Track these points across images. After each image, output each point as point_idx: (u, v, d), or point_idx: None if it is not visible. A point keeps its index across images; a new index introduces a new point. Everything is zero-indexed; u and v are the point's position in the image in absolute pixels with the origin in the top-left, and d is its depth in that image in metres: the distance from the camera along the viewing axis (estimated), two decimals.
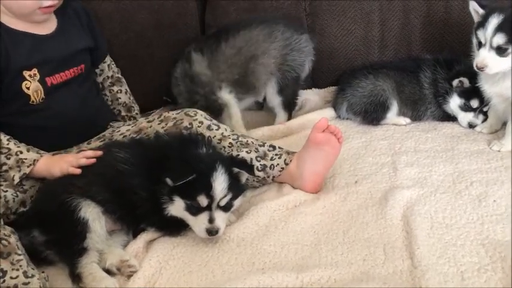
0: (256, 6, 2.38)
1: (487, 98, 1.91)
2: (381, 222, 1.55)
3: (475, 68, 1.81)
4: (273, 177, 1.75)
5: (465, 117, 2.05)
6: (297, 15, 2.38)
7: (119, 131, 1.82)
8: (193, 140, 1.61)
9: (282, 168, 1.73)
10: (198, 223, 1.50)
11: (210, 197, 1.48)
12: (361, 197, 1.69)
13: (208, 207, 1.49)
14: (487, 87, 1.87)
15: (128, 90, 2.10)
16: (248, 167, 1.63)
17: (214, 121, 1.80)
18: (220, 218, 1.50)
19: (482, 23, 1.77)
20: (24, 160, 1.59)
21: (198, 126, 1.73)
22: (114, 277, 1.46)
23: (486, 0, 1.85)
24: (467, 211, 1.56)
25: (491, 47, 1.75)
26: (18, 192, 1.59)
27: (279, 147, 1.78)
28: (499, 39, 1.73)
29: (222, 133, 1.74)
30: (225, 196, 1.50)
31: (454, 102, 2.05)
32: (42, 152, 1.65)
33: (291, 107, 2.27)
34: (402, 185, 1.72)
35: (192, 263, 1.48)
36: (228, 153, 1.70)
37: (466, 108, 2.04)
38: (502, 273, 1.31)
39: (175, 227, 1.57)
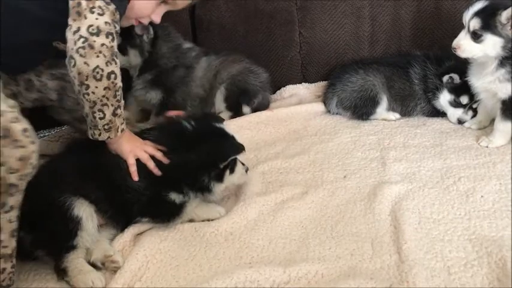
0: (246, 0, 2.36)
1: (476, 93, 1.92)
2: (369, 217, 1.56)
3: (452, 49, 1.81)
4: None
5: (454, 113, 2.06)
6: (288, 9, 2.36)
7: None
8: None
9: None
10: (239, 172, 1.65)
11: None
12: (350, 191, 1.69)
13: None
14: (474, 81, 1.88)
15: None
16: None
17: None
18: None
19: (468, 7, 1.79)
20: (116, 124, 1.50)
21: None
22: (100, 271, 1.45)
23: None
24: (455, 206, 1.57)
25: (468, 30, 1.77)
26: None
27: None
28: (475, 23, 1.74)
29: None
30: None
31: (444, 98, 2.06)
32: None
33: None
34: (391, 180, 1.72)
35: (179, 257, 1.48)
36: None
37: (455, 104, 2.05)
38: (488, 268, 1.32)
39: (169, 214, 1.58)
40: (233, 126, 2.08)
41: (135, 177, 1.53)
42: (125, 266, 1.43)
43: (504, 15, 1.69)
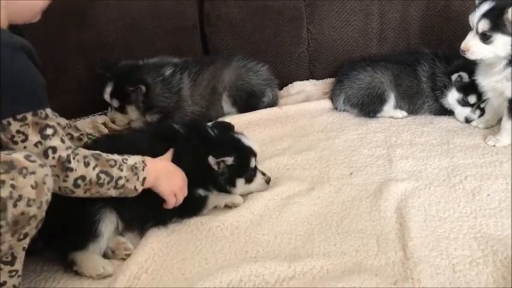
0: None
1: (483, 92, 1.92)
2: (374, 214, 1.56)
3: (460, 52, 1.81)
4: None
5: (462, 111, 2.06)
6: (296, 6, 2.37)
7: None
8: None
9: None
10: (258, 183, 1.68)
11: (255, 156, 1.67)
12: (356, 188, 1.70)
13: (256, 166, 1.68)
14: (482, 80, 1.88)
15: None
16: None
17: None
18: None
19: (475, 9, 1.79)
20: (135, 165, 1.40)
21: None
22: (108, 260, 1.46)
23: None
24: (461, 205, 1.57)
25: (476, 32, 1.76)
26: None
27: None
28: (484, 25, 1.74)
29: None
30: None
31: (453, 96, 2.05)
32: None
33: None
34: (397, 177, 1.72)
35: (186, 250, 1.49)
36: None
37: (463, 103, 2.04)
38: (493, 266, 1.32)
39: (196, 208, 1.61)
40: (242, 122, 2.10)
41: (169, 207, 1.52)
42: (132, 258, 1.44)
43: (510, 12, 1.69)
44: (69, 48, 2.26)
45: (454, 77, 2.02)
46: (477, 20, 1.75)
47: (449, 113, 2.11)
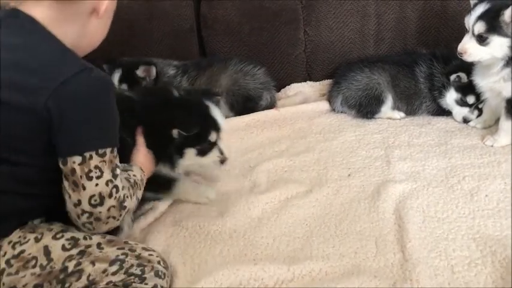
0: None
1: (481, 92, 1.92)
2: (373, 216, 1.56)
3: (457, 54, 1.81)
4: None
5: (460, 112, 2.06)
6: (293, 8, 2.37)
7: None
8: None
9: None
10: (211, 159, 1.60)
11: (218, 130, 1.58)
12: (354, 190, 1.70)
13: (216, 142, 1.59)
14: (479, 80, 1.88)
15: None
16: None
17: None
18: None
19: (470, 11, 1.79)
20: (142, 179, 1.41)
21: None
22: None
23: None
24: (459, 205, 1.57)
25: (473, 34, 1.76)
26: None
27: None
28: (480, 27, 1.74)
29: None
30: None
31: (451, 97, 2.05)
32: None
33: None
34: (395, 178, 1.72)
35: (185, 253, 1.48)
36: None
37: (462, 103, 2.04)
38: (492, 267, 1.32)
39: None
40: (239, 124, 2.10)
41: None
42: None
43: (507, 14, 1.69)
44: None
45: (453, 77, 2.02)
46: (473, 22, 1.75)
47: (447, 113, 2.11)
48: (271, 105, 2.26)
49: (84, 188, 1.18)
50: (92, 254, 1.23)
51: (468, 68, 1.94)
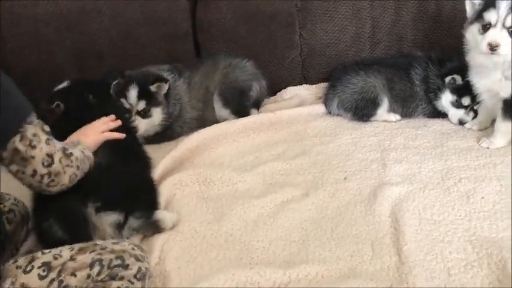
0: (248, 1, 2.37)
1: (478, 93, 1.92)
2: (369, 219, 1.56)
3: (485, 49, 1.71)
4: None
5: (456, 113, 2.06)
6: (289, 11, 2.37)
7: None
8: None
9: None
10: None
11: None
12: (350, 193, 1.70)
13: None
14: (477, 80, 1.87)
15: None
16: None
17: None
18: None
19: (489, 5, 1.72)
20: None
21: None
22: None
23: None
24: (456, 208, 1.57)
25: (503, 26, 1.70)
26: None
27: None
28: None
29: None
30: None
31: (446, 99, 2.06)
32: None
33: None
34: (391, 181, 1.72)
35: (181, 258, 1.48)
36: None
37: (457, 105, 2.05)
38: (488, 269, 1.32)
39: None
40: (236, 127, 2.09)
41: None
42: None
43: None
44: (62, 56, 2.26)
45: (448, 79, 2.03)
46: (505, 14, 1.68)
47: (442, 115, 2.11)
48: (261, 95, 2.28)
49: (33, 158, 1.27)
50: (69, 268, 1.25)
51: (463, 70, 1.94)
